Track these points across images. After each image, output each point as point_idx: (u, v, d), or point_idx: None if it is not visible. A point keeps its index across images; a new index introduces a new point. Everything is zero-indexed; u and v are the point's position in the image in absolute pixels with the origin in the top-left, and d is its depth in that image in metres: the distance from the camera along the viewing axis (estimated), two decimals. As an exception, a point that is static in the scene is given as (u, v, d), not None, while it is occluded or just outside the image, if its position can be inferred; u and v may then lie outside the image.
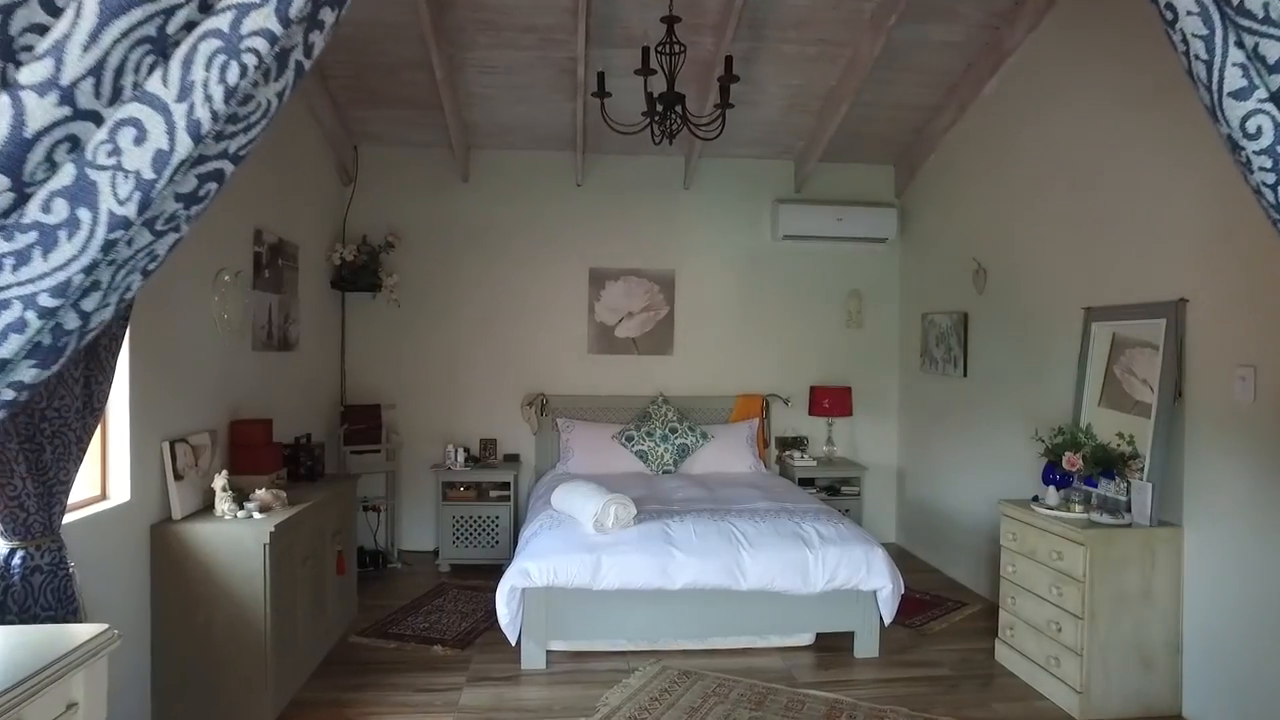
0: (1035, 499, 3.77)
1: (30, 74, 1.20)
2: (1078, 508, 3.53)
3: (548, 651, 3.77)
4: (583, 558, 3.63)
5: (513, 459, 5.78)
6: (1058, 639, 3.47)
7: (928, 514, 5.71)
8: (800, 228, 5.87)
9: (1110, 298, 3.82)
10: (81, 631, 1.81)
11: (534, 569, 3.60)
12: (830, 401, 5.78)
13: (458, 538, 5.34)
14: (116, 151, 1.27)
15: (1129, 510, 3.45)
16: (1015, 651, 3.80)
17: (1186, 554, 3.37)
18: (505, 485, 5.45)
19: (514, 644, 3.76)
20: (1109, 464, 3.56)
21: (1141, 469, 3.45)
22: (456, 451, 5.48)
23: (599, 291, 5.88)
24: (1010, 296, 4.71)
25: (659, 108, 3.87)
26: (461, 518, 5.34)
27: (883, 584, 3.78)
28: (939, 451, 5.55)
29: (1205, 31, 1.52)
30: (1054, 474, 3.70)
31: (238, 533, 3.11)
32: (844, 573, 3.76)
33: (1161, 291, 3.50)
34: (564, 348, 5.90)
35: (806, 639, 4.01)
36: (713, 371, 6.00)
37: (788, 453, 5.88)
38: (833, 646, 4.01)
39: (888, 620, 3.84)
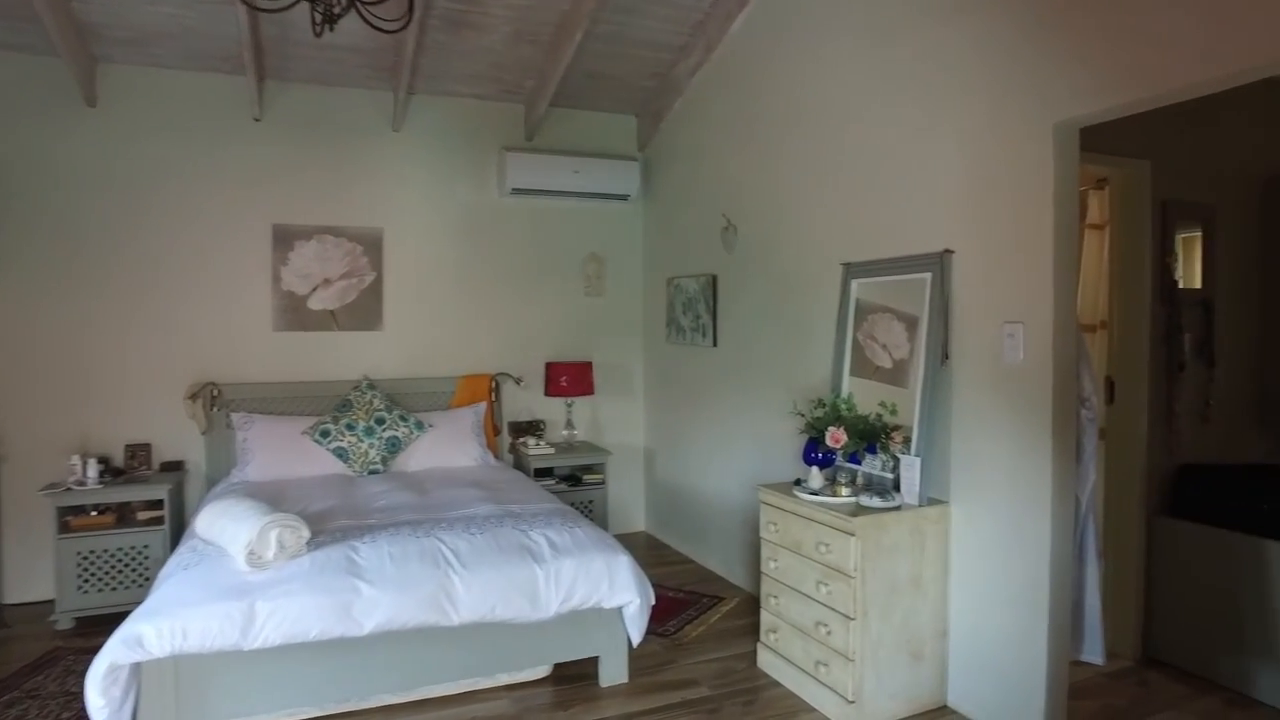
0: (798, 482, 3.30)
1: None
2: (845, 490, 3.08)
3: (184, 742, 2.69)
4: (228, 607, 2.59)
5: (174, 467, 4.47)
6: (827, 643, 3.00)
7: (679, 499, 5.21)
8: (531, 180, 5.08)
9: (870, 252, 3.42)
10: None
11: (151, 633, 2.51)
12: (569, 379, 5.08)
13: (86, 580, 3.98)
14: None
15: (898, 489, 3.05)
16: (780, 657, 3.31)
17: (953, 533, 3.03)
18: (159, 504, 4.16)
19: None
20: (871, 437, 3.15)
21: (908, 441, 3.06)
22: (86, 464, 4.10)
23: (286, 254, 4.71)
24: (763, 255, 4.25)
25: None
26: (92, 553, 3.99)
27: (629, 599, 3.12)
28: (690, 430, 5.05)
29: None
30: (816, 452, 3.23)
31: None
32: (583, 589, 3.05)
33: (926, 243, 3.12)
34: (241, 324, 4.66)
35: (542, 671, 3.26)
36: (431, 349, 5.06)
37: (521, 440, 5.10)
38: (574, 676, 3.30)
39: (636, 641, 3.19)
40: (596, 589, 3.07)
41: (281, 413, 4.56)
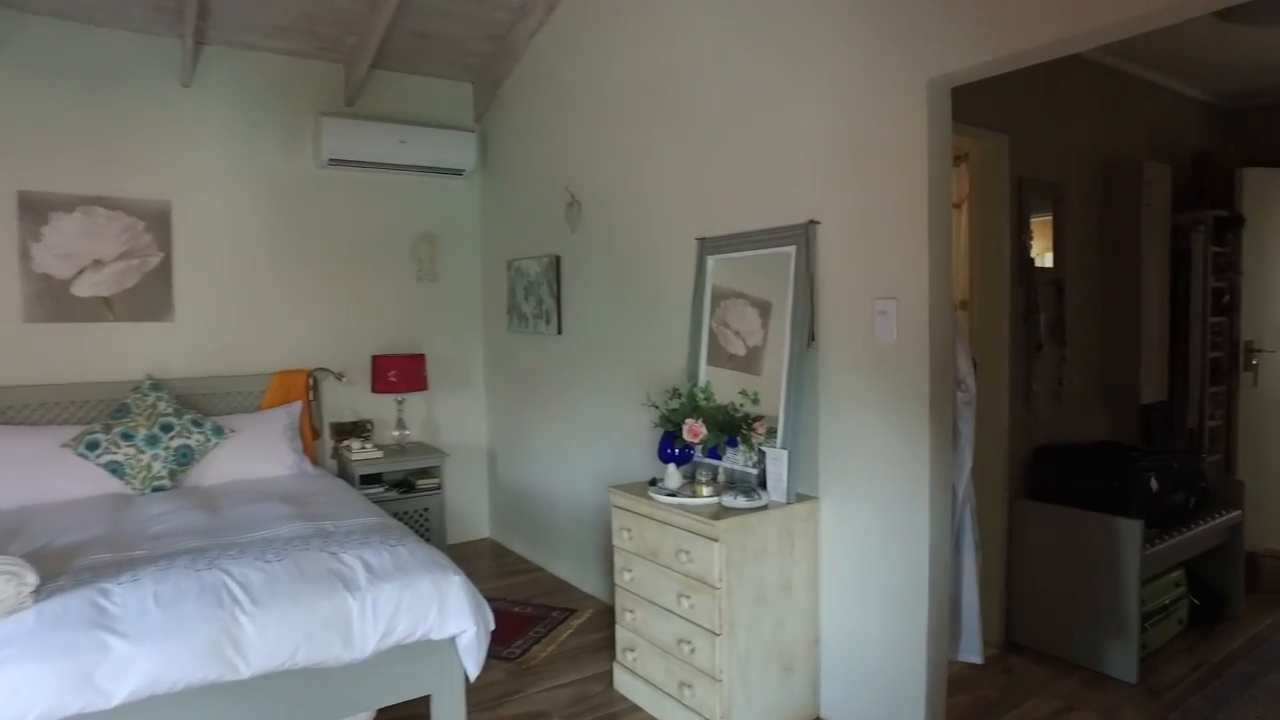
0: (654, 482, 2.95)
1: None
2: (705, 490, 2.76)
3: None
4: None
5: (-108, 493, 3.59)
6: (691, 662, 2.68)
7: (526, 502, 4.78)
8: (352, 150, 4.48)
9: (729, 225, 3.11)
10: None
11: None
12: (399, 374, 4.53)
13: None
14: None
15: (763, 486, 2.76)
16: (639, 678, 2.96)
17: (823, 531, 2.78)
18: None
19: None
20: (733, 429, 2.85)
21: (772, 432, 2.78)
22: None
23: (38, 228, 3.88)
24: (610, 232, 3.88)
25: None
26: None
27: (463, 626, 2.66)
28: (536, 426, 4.62)
29: None
30: (672, 448, 2.90)
31: None
32: (407, 619, 2.56)
33: (789, 214, 2.84)
34: (-19, 314, 3.81)
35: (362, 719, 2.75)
36: (236, 342, 4.37)
37: (345, 443, 4.50)
38: (403, 719, 2.82)
39: (474, 674, 2.73)
40: (424, 618, 2.60)
41: (36, 422, 3.76)
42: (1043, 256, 3.57)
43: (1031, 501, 3.44)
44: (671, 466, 2.88)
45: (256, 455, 3.89)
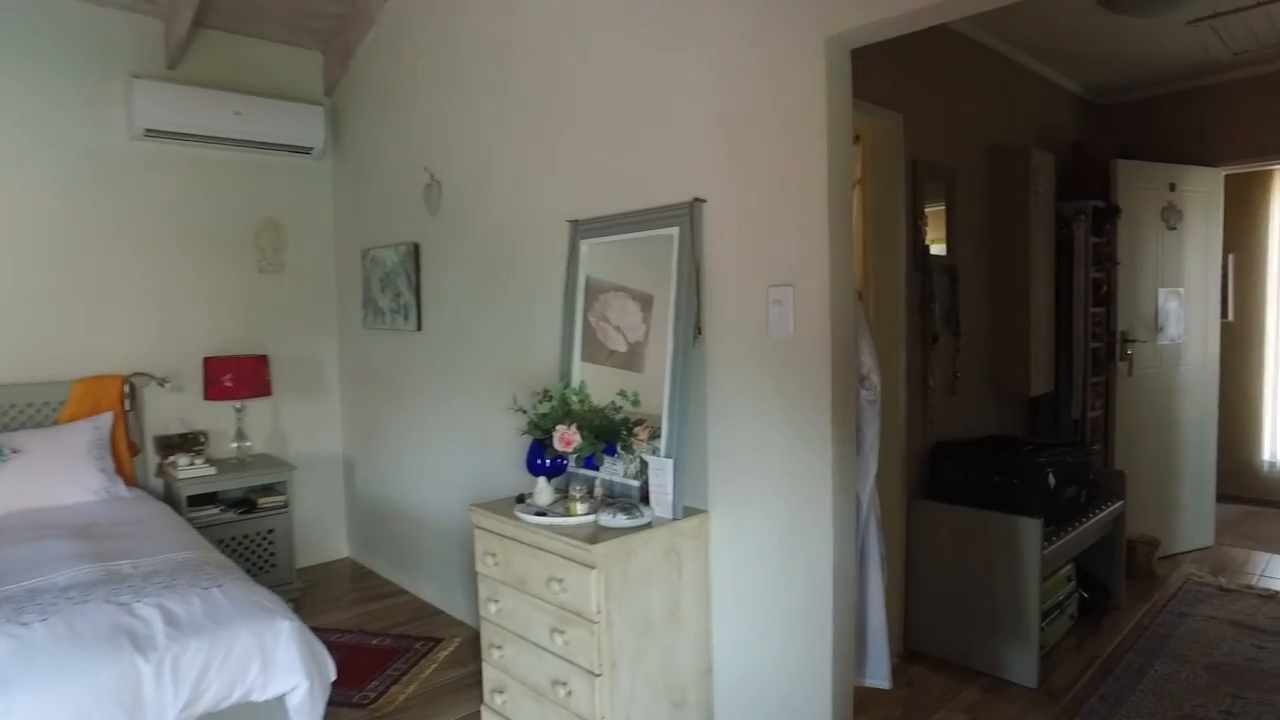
0: (522, 498, 2.58)
1: None
2: (580, 507, 2.40)
3: None
4: None
5: None
6: (568, 706, 2.32)
7: (387, 517, 4.29)
8: (174, 120, 3.88)
9: (605, 206, 2.77)
10: None
11: None
12: (235, 377, 3.95)
13: None
14: None
15: (646, 501, 2.43)
16: (508, 725, 2.58)
17: (714, 549, 2.48)
18: None
19: None
20: (611, 435, 2.51)
21: (656, 438, 2.45)
22: None
23: None
24: (474, 216, 3.47)
25: None
26: None
27: (293, 682, 2.21)
28: (397, 433, 4.15)
29: None
30: (542, 458, 2.54)
31: None
32: (220, 682, 2.10)
33: (672, 192, 2.52)
34: None
35: (165, 803, 2.25)
36: (27, 345, 3.68)
37: (171, 459, 3.89)
38: (220, 796, 2.33)
39: (308, 740, 2.29)
40: (242, 677, 2.14)
41: None
42: (936, 244, 3.40)
43: (930, 502, 3.27)
44: (542, 480, 2.52)
45: (48, 479, 3.26)
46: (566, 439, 2.43)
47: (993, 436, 3.63)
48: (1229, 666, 3.15)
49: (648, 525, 2.33)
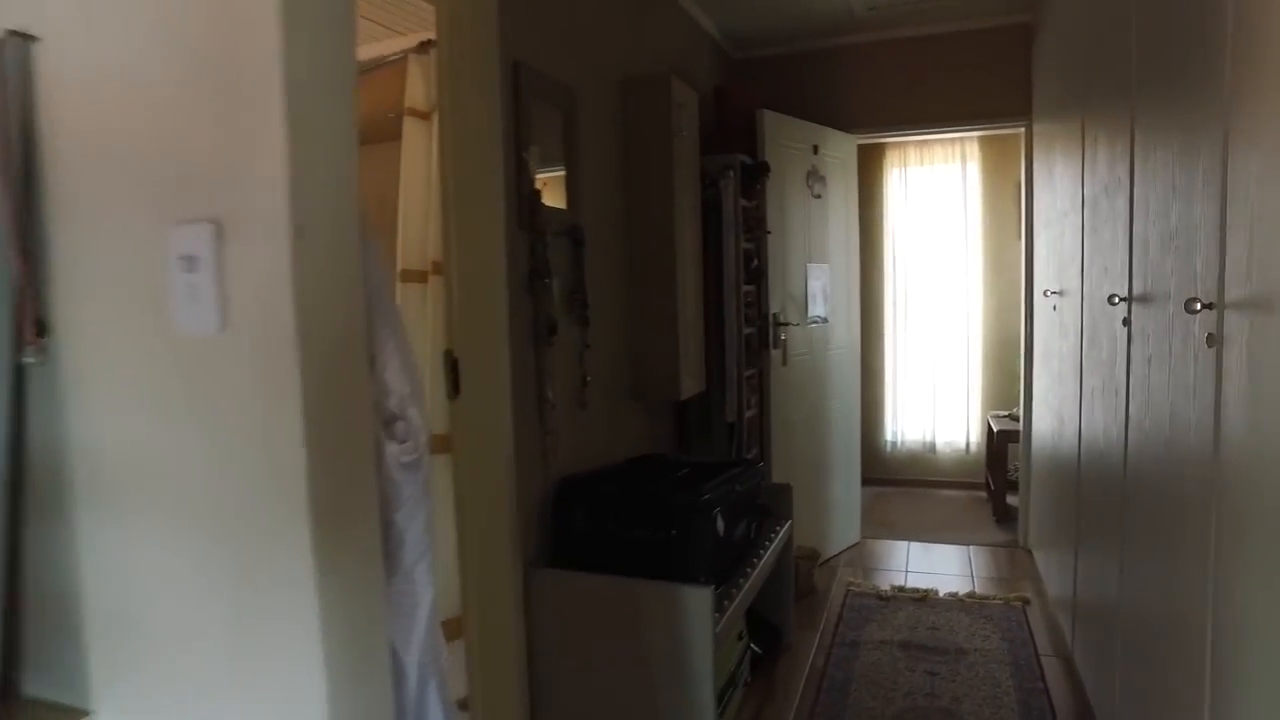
0: None
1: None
2: None
3: None
4: None
5: None
6: None
7: None
8: None
9: None
10: None
11: None
12: None
13: None
14: None
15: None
16: None
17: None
18: None
19: None
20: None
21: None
22: None
23: None
24: None
25: None
26: None
27: None
28: None
29: None
30: None
31: None
32: None
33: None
34: None
35: None
36: None
37: None
38: None
39: None
40: None
41: None
42: (551, 193, 2.38)
43: (555, 571, 2.25)
44: None
45: None
46: None
47: (636, 459, 2.72)
48: (913, 713, 2.60)
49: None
